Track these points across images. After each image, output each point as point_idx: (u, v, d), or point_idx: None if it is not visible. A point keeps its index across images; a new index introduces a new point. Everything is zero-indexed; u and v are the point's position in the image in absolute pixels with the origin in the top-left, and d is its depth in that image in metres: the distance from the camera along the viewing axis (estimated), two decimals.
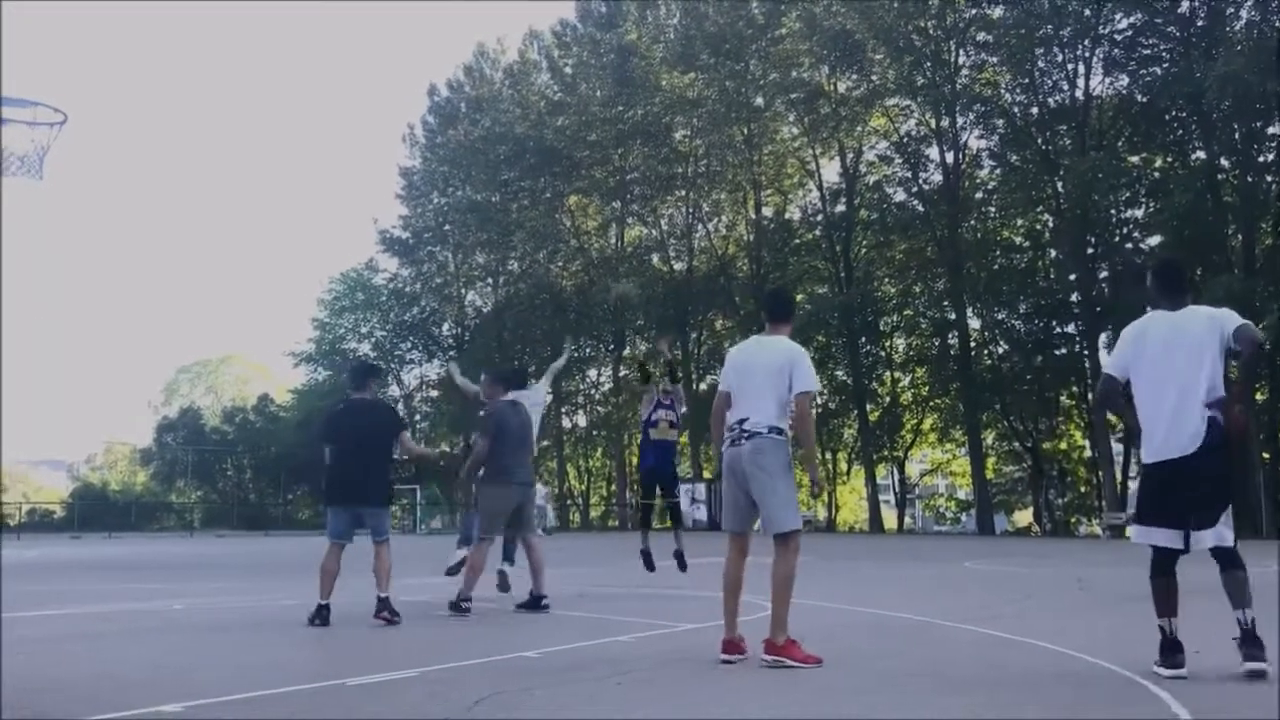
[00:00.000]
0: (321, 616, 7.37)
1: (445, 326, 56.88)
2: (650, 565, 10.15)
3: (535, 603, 8.33)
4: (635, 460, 49.71)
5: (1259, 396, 31.79)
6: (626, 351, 50.55)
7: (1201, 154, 34.59)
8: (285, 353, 58.45)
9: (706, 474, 46.16)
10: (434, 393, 56.61)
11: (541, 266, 50.95)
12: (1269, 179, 33.79)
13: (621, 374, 50.45)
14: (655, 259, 49.33)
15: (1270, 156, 33.60)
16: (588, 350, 52.27)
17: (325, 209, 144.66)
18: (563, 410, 50.81)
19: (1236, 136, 33.03)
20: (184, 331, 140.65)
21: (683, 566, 10.16)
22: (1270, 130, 32.90)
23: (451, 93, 55.09)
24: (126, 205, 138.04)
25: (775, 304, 6.07)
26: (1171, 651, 4.93)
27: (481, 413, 8.70)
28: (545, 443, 51.69)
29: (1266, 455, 30.44)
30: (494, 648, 6.22)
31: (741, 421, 5.55)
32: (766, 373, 5.58)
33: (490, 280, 54.92)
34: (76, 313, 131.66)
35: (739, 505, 5.63)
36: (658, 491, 10.05)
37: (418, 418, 58.18)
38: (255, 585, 12.08)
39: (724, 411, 5.86)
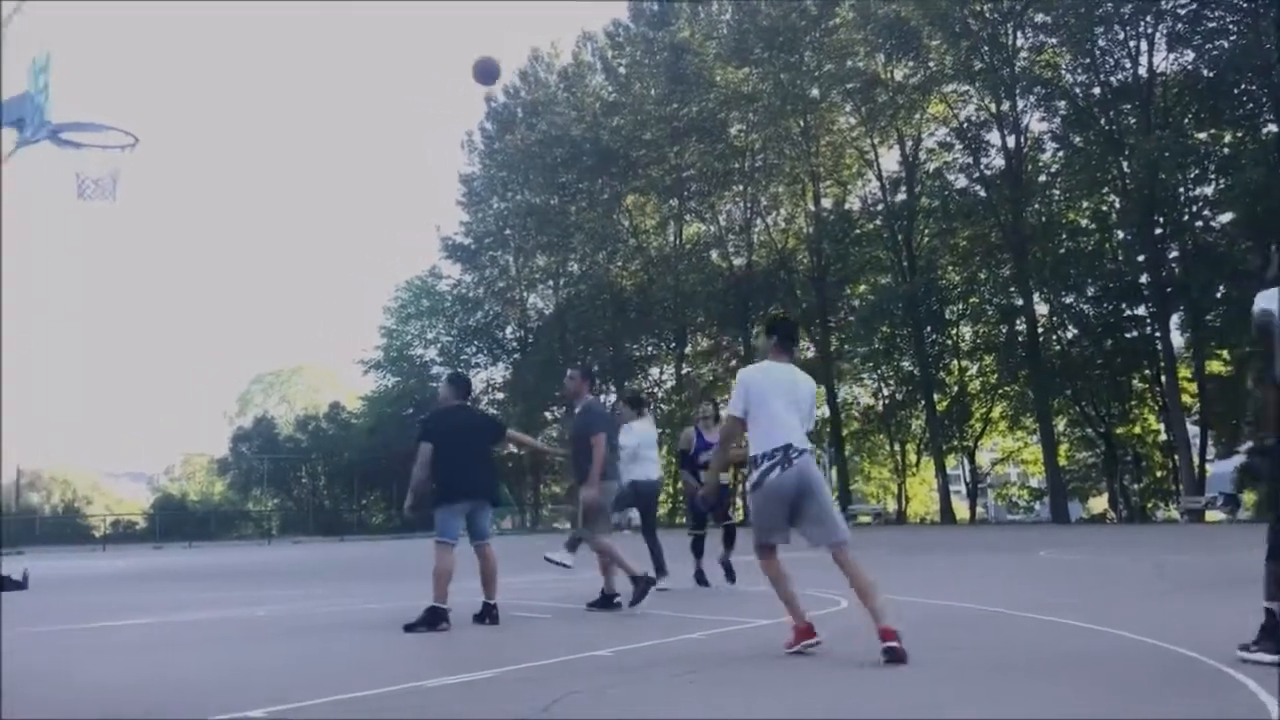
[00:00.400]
0: (445, 619, 7.35)
1: (509, 330, 57.45)
2: (704, 583, 10.38)
3: (607, 601, 8.41)
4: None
5: None
6: (688, 349, 50.55)
7: (1273, 127, 33.66)
8: (355, 360, 59.38)
9: None
10: (500, 395, 57.15)
11: (601, 267, 51.21)
12: None
13: (684, 371, 50.46)
14: (714, 255, 49.28)
15: None
16: (649, 349, 52.40)
17: (389, 218, 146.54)
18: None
19: None
20: (256, 343, 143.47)
21: (731, 577, 10.24)
22: None
23: (508, 98, 55.57)
24: (198, 221, 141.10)
25: (793, 333, 6.09)
26: (1274, 637, 4.85)
27: (580, 408, 8.56)
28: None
29: None
30: (568, 647, 6.29)
31: (786, 447, 5.56)
32: (799, 400, 5.72)
33: (551, 282, 55.33)
34: (152, 328, 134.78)
35: (779, 523, 5.66)
36: (709, 520, 10.47)
37: None
38: (334, 589, 12.31)
39: (736, 435, 6.03)
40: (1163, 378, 36.62)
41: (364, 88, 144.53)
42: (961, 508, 44.72)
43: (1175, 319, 36.69)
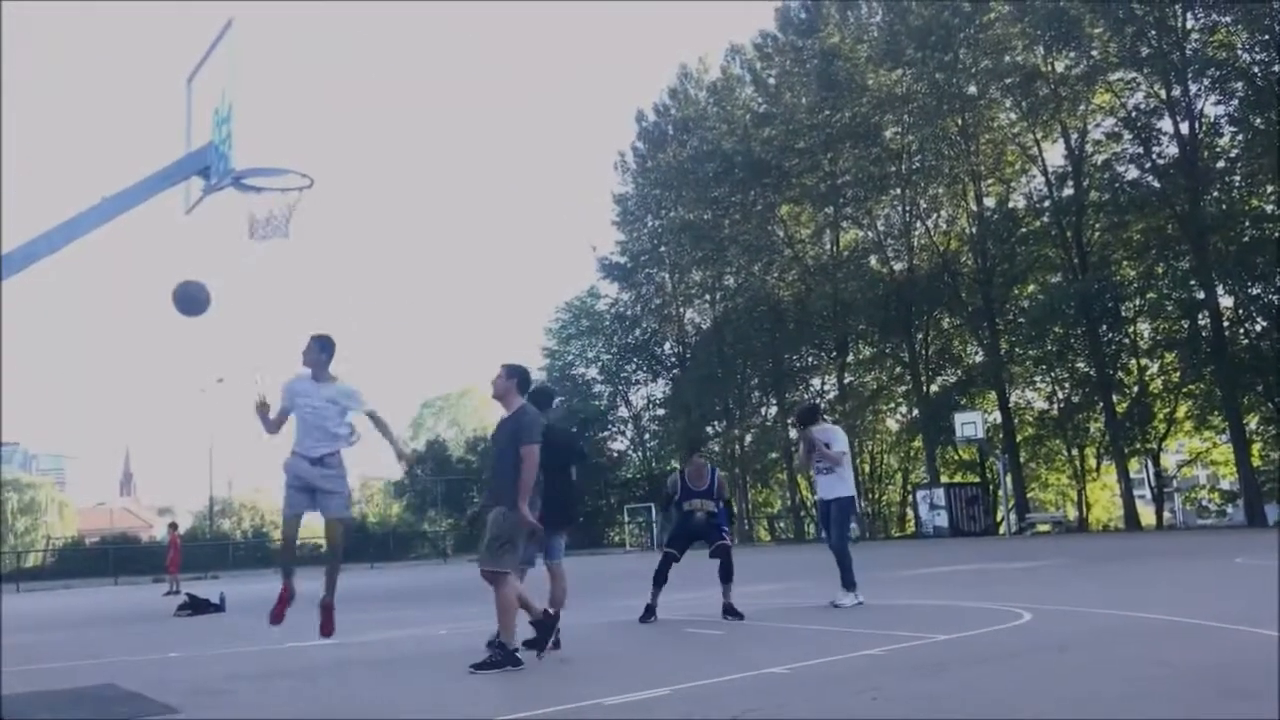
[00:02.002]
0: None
1: (667, 346, 57.86)
2: (644, 618, 9.37)
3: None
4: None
5: None
6: (850, 358, 49.84)
7: None
8: None
9: (944, 478, 44.88)
10: (660, 411, 57.57)
11: (757, 279, 51.01)
12: None
13: (846, 380, 49.74)
14: (873, 260, 48.45)
15: None
16: (810, 359, 51.89)
17: (546, 241, 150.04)
18: (789, 421, 50.60)
19: None
20: (424, 368, 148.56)
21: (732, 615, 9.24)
22: None
23: (658, 117, 56.09)
24: (360, 250, 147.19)
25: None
26: None
27: (510, 413, 7.26)
28: (774, 454, 51.59)
29: None
30: (741, 664, 6.28)
31: None
32: None
33: (708, 297, 55.45)
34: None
35: None
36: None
37: (646, 436, 59.33)
38: None
39: None
40: None
41: (517, 114, 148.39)
42: (1147, 513, 42.56)
43: None
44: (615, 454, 60.60)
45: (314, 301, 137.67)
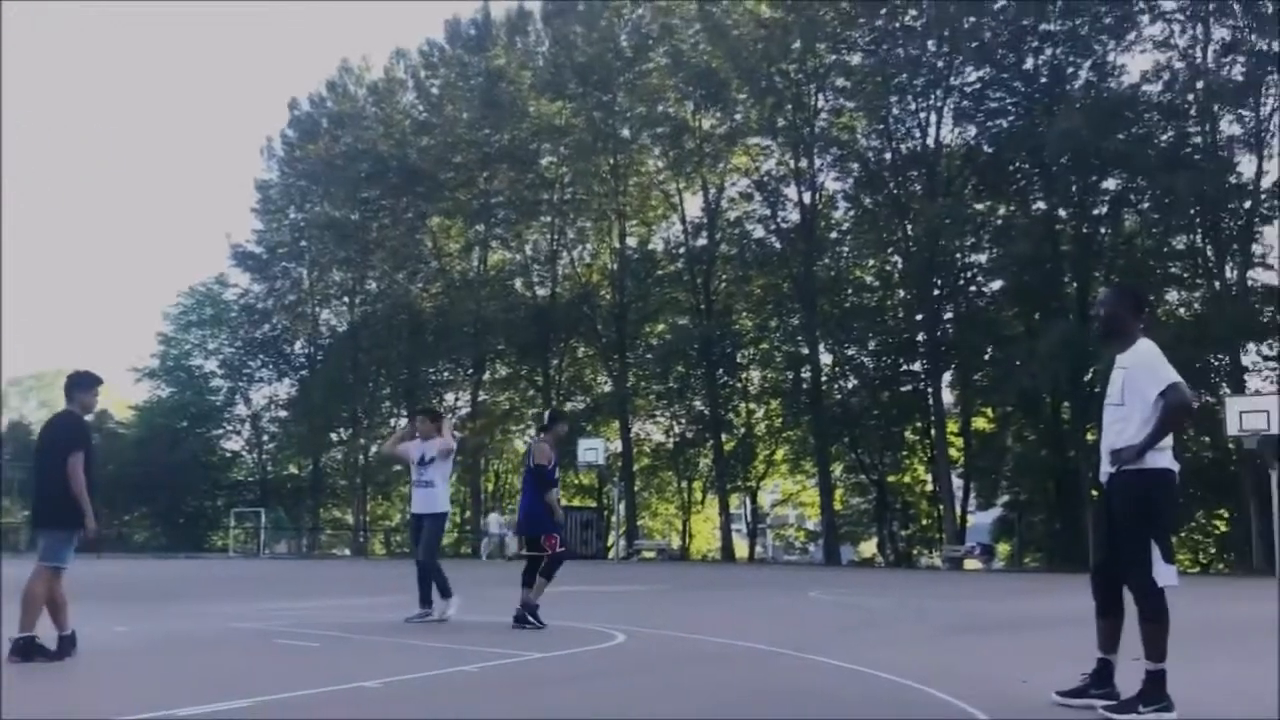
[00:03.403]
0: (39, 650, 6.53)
1: (298, 345, 55.39)
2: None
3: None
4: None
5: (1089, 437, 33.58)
6: (486, 376, 50.17)
7: (1041, 204, 36.45)
8: (127, 368, 55.84)
9: (563, 501, 46.07)
10: (283, 412, 55.04)
11: (401, 287, 50.14)
12: (1102, 230, 35.87)
13: (480, 398, 50.01)
14: (518, 283, 49.10)
15: (1104, 209, 35.66)
16: (445, 374, 51.69)
17: (173, 219, 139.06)
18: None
19: (1073, 189, 34.97)
20: (15, 342, 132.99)
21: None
22: (1104, 185, 34.97)
23: (313, 107, 53.89)
24: None
25: None
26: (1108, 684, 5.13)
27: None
28: (397, 467, 50.70)
29: (1095, 492, 32.03)
30: (333, 677, 6.08)
31: None
32: None
33: (346, 299, 53.72)
34: None
35: None
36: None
37: (265, 437, 56.50)
38: (85, 611, 11.47)
39: None
40: (932, 431, 38.80)
41: (156, 76, 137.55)
42: (742, 546, 45.87)
43: (946, 376, 39.05)
44: (228, 454, 57.18)
45: None
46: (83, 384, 7.18)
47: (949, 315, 38.71)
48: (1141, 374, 5.03)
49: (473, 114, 47.08)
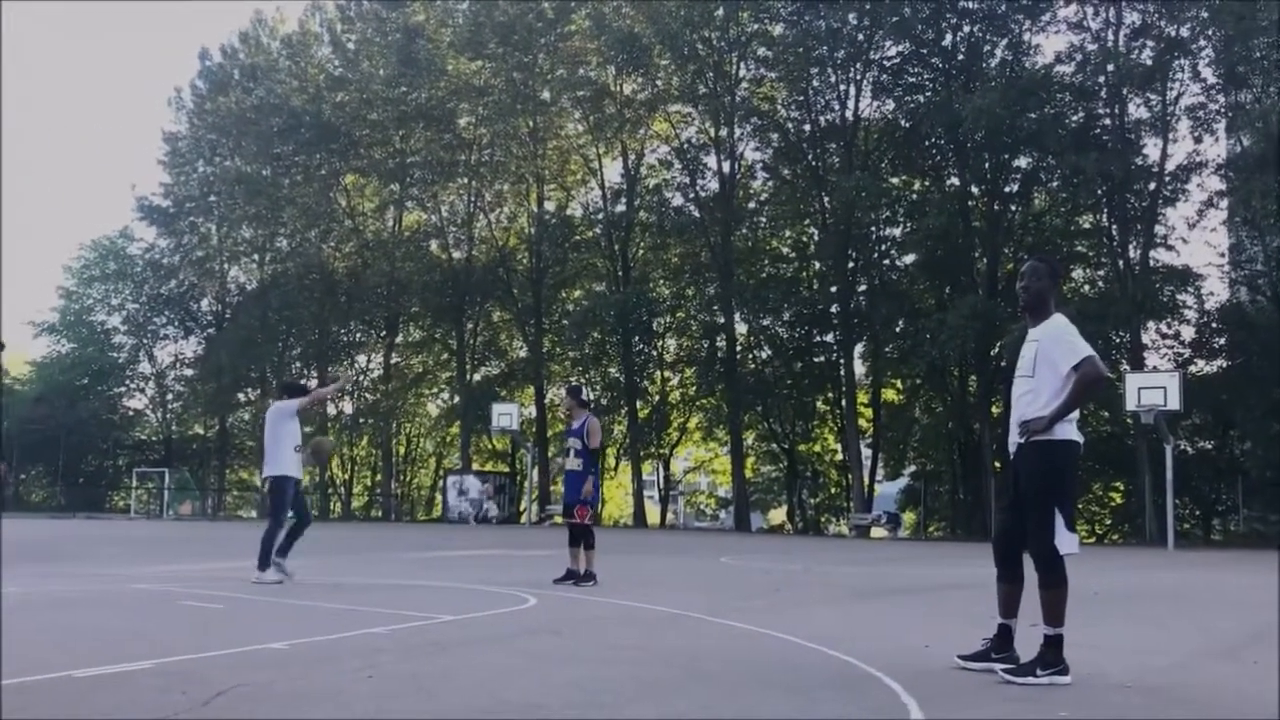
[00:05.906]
0: None
1: (205, 302, 54.17)
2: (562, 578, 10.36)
3: None
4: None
5: (994, 410, 34.46)
6: (400, 338, 49.58)
7: (955, 180, 37.06)
8: (25, 321, 54.06)
9: (476, 465, 45.92)
10: (189, 371, 53.80)
11: (313, 245, 49.13)
12: (1013, 208, 36.68)
13: (393, 360, 49.46)
14: (434, 245, 48.46)
15: (1015, 187, 36.46)
16: (358, 335, 51.00)
17: (74, 169, 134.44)
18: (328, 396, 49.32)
19: (987, 166, 35.63)
20: None
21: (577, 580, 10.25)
22: (1016, 163, 35.72)
23: (225, 59, 52.37)
24: None
25: None
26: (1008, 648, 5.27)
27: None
28: (309, 428, 49.89)
29: (998, 464, 32.95)
30: (238, 639, 5.98)
31: None
32: None
33: (256, 256, 52.55)
34: None
35: None
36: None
37: (169, 396, 55.21)
38: None
39: None
40: (843, 401, 39.40)
41: (61, 23, 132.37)
42: (654, 512, 46.24)
43: (858, 348, 39.66)
44: (130, 412, 55.76)
45: None
46: None
47: (863, 287, 39.26)
48: (1054, 347, 5.14)
49: (389, 70, 46.16)
